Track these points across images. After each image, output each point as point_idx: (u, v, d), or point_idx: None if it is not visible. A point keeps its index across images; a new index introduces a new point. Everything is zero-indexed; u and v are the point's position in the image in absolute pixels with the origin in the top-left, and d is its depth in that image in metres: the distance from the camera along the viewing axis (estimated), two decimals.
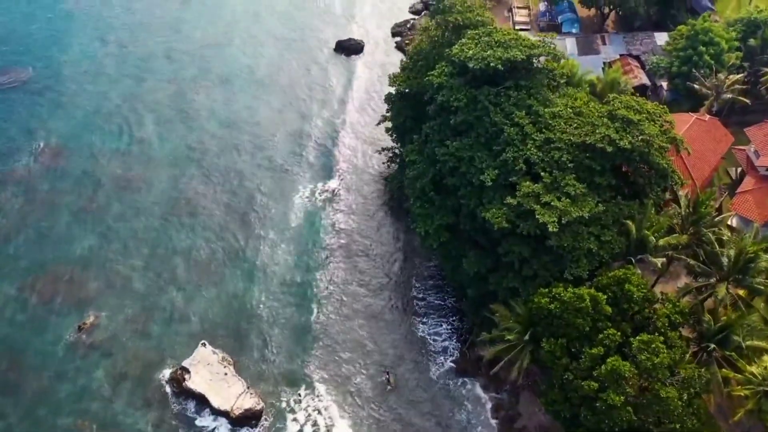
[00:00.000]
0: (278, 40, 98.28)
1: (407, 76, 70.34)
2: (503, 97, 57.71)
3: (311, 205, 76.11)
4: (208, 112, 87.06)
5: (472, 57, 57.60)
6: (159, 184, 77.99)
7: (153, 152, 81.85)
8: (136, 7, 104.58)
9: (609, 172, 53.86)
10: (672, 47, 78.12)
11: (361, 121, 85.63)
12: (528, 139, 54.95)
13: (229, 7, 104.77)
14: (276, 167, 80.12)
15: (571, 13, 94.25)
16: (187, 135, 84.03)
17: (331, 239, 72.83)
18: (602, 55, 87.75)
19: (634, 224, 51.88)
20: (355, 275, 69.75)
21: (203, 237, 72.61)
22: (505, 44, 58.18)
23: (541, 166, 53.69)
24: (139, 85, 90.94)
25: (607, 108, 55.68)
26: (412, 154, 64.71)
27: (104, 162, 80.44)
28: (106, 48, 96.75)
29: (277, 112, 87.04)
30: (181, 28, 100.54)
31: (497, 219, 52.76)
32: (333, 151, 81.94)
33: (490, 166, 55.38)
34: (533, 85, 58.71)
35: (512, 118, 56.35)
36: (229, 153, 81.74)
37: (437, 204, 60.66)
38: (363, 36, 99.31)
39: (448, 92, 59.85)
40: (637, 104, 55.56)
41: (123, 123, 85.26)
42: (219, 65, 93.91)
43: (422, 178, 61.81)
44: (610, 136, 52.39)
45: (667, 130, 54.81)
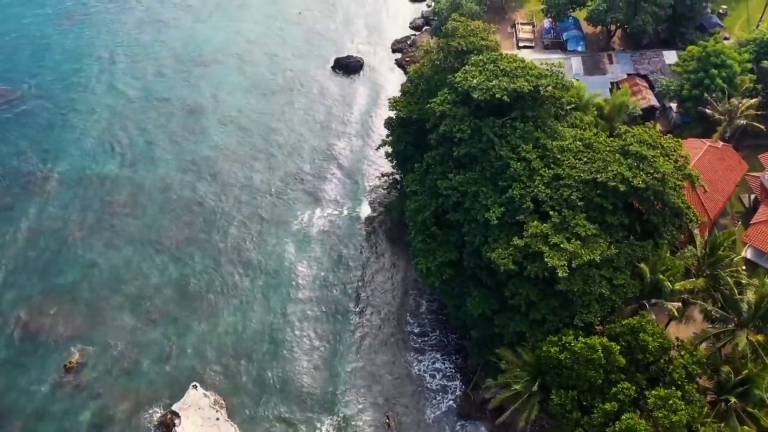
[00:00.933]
0: (274, 59, 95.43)
1: (408, 101, 67.54)
2: (509, 128, 54.94)
3: (308, 232, 73.21)
4: (200, 134, 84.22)
5: (477, 87, 54.85)
6: (150, 210, 75.20)
7: (144, 176, 79.02)
8: (128, 24, 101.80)
9: (621, 210, 51.08)
10: (682, 69, 75.38)
11: (360, 144, 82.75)
12: (535, 174, 52.18)
13: (223, 24, 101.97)
14: (272, 192, 77.31)
15: (577, 30, 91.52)
16: (179, 157, 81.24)
17: (329, 270, 69.95)
18: (609, 74, 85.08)
19: (648, 267, 49.14)
20: (353, 309, 66.87)
21: (196, 267, 69.71)
22: (511, 73, 55.41)
23: (550, 204, 50.90)
24: (130, 106, 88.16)
25: (620, 142, 52.90)
26: (413, 184, 61.89)
27: (94, 186, 77.69)
28: (97, 66, 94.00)
29: (272, 134, 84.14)
30: (174, 46, 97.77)
31: (503, 260, 49.97)
32: (331, 175, 79.06)
33: (495, 202, 52.60)
34: (540, 115, 55.96)
35: (518, 152, 53.57)
36: (222, 177, 78.90)
37: (439, 239, 57.88)
38: (362, 53, 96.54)
39: (450, 122, 57.07)
40: (650, 138, 52.79)
41: (113, 145, 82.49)
42: (212, 85, 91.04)
43: (423, 211, 59.02)
44: (622, 173, 49.59)
45: (682, 166, 52.05)
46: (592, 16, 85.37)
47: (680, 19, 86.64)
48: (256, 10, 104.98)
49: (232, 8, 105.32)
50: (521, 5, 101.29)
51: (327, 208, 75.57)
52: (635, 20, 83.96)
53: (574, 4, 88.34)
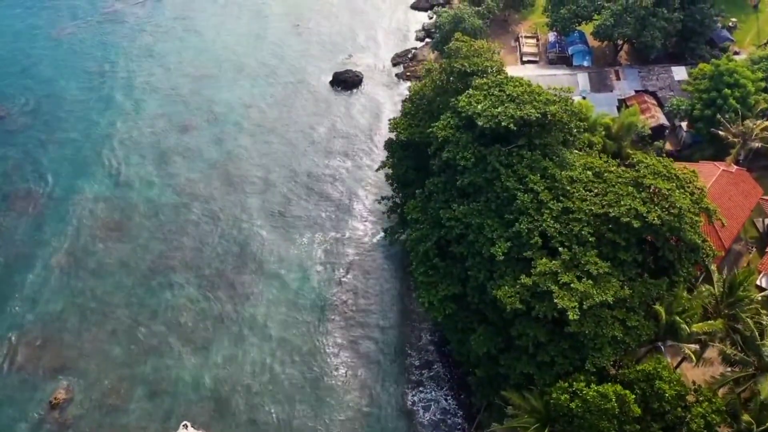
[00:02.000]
0: (271, 74, 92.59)
1: (408, 123, 64.81)
2: (515, 157, 52.24)
3: (307, 257, 70.35)
4: (194, 152, 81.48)
5: (482, 113, 52.17)
6: (142, 233, 72.44)
7: (136, 197, 76.25)
8: (120, 38, 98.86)
9: (634, 245, 48.37)
10: (693, 88, 72.67)
11: (360, 164, 79.87)
12: (544, 207, 49.46)
13: (218, 38, 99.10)
14: (270, 214, 74.48)
15: (583, 45, 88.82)
16: (173, 177, 78.45)
17: (327, 296, 67.02)
18: (617, 91, 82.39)
19: (664, 308, 46.45)
20: (352, 337, 64.02)
21: (189, 296, 66.82)
22: (518, 99, 52.71)
23: (559, 240, 48.19)
24: (122, 122, 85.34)
25: (633, 174, 50.19)
26: (415, 212, 59.22)
27: (83, 207, 74.78)
28: (88, 82, 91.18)
29: (268, 153, 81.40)
30: (168, 59, 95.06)
31: (510, 299, 47.25)
32: (330, 197, 76.22)
33: (501, 236, 49.88)
34: (548, 142, 53.24)
35: (525, 182, 50.84)
36: (218, 198, 76.14)
37: (442, 271, 55.14)
38: (361, 66, 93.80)
39: (454, 149, 54.38)
40: (665, 169, 50.07)
41: (104, 164, 79.73)
42: (207, 101, 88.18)
43: (425, 241, 56.28)
44: (636, 208, 46.87)
45: (698, 199, 49.33)
46: (598, 32, 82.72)
47: (690, 33, 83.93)
48: (251, 23, 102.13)
49: (227, 21, 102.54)
50: (525, 17, 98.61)
51: (326, 232, 72.75)
52: (643, 35, 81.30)
53: (580, 18, 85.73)
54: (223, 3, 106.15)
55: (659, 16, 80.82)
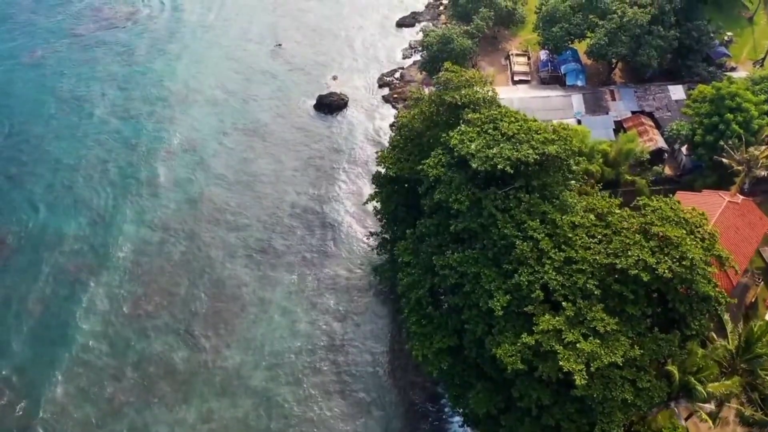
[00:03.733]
0: (251, 98, 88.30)
1: (397, 157, 61.16)
2: (512, 200, 48.71)
3: (292, 298, 66.31)
4: (171, 184, 77.13)
5: (476, 154, 48.62)
6: (117, 275, 68.18)
7: (109, 236, 71.67)
8: (94, 63, 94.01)
9: (643, 298, 44.99)
10: (694, 112, 69.52)
11: (346, 195, 75.70)
12: (545, 257, 45.94)
13: (195, 60, 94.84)
14: (251, 252, 70.28)
15: (576, 63, 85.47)
16: (148, 212, 74.04)
17: (314, 341, 63.04)
18: (612, 113, 79.06)
19: (676, 367, 43.10)
20: (341, 386, 60.18)
21: (164, 342, 62.64)
22: (514, 138, 49.25)
23: (562, 293, 44.74)
24: (95, 152, 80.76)
25: (640, 220, 46.78)
26: (406, 254, 55.56)
27: (54, 248, 70.31)
28: (60, 109, 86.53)
29: (251, 185, 77.04)
30: (143, 83, 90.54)
31: (511, 359, 43.76)
32: (315, 232, 72.07)
33: (500, 288, 46.33)
34: (547, 183, 49.84)
35: (524, 229, 47.35)
36: (196, 234, 71.94)
37: (436, 321, 51.60)
38: (346, 88, 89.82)
39: (446, 190, 50.77)
40: (673, 213, 46.73)
41: (77, 200, 75.13)
42: (185, 128, 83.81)
43: (418, 288, 52.72)
44: (645, 260, 43.51)
45: (710, 246, 46.02)
46: (592, 51, 79.44)
47: (686, 51, 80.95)
48: (231, 44, 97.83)
49: (205, 43, 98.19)
50: (515, 34, 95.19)
51: (311, 270, 68.76)
52: (639, 54, 78.16)
53: (573, 36, 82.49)
54: (207, 25, 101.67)
55: (655, 34, 77.76)
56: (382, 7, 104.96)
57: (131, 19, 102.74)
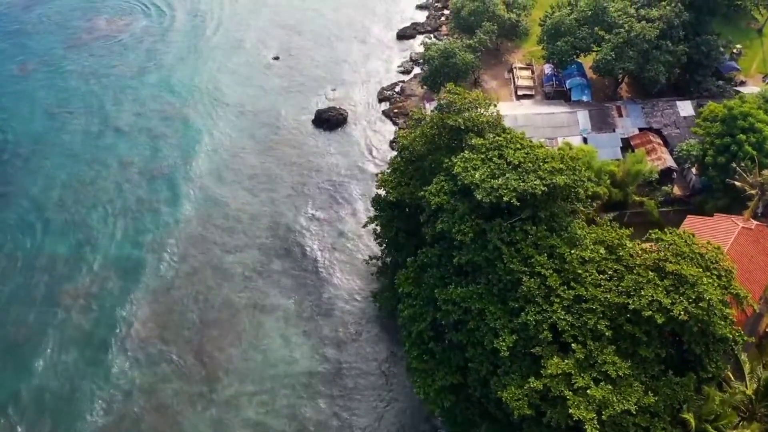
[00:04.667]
0: (247, 113, 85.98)
1: (398, 181, 58.86)
2: (518, 233, 46.43)
3: (290, 326, 63.87)
4: (164, 204, 74.74)
5: (480, 185, 46.34)
6: (107, 302, 65.65)
7: (100, 258, 69.44)
8: (86, 75, 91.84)
9: (656, 339, 42.70)
10: (704, 131, 67.22)
11: (345, 216, 73.12)
12: (553, 295, 43.68)
13: (189, 73, 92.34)
14: (247, 276, 67.78)
15: (581, 78, 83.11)
16: (139, 234, 71.62)
17: (312, 371, 60.48)
18: (619, 130, 76.76)
19: (692, 413, 40.81)
20: (336, 420, 57.51)
21: (154, 374, 60.19)
22: (520, 167, 46.99)
23: (571, 334, 42.50)
24: (86, 170, 78.49)
25: (653, 256, 44.48)
26: (406, 285, 53.28)
27: (42, 272, 67.97)
28: (48, 125, 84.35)
29: (245, 204, 74.66)
30: (137, 97, 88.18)
31: (517, 403, 41.49)
32: (313, 255, 69.62)
33: (505, 327, 44.11)
34: (555, 213, 47.56)
35: (531, 263, 45.10)
36: (189, 255, 69.53)
37: (438, 357, 49.33)
38: (345, 102, 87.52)
39: (449, 219, 48.56)
40: (688, 248, 44.46)
41: (66, 221, 72.83)
42: (178, 145, 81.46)
43: (419, 321, 50.45)
44: (660, 300, 41.25)
45: (727, 284, 43.72)
46: (599, 66, 77.15)
47: (695, 66, 78.64)
48: (227, 56, 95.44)
49: (201, 55, 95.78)
50: (518, 46, 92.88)
51: (309, 295, 66.20)
52: (647, 70, 75.93)
53: (578, 50, 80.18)
54: (202, 38, 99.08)
55: (663, 49, 75.47)
56: (382, 18, 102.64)
57: (125, 30, 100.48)
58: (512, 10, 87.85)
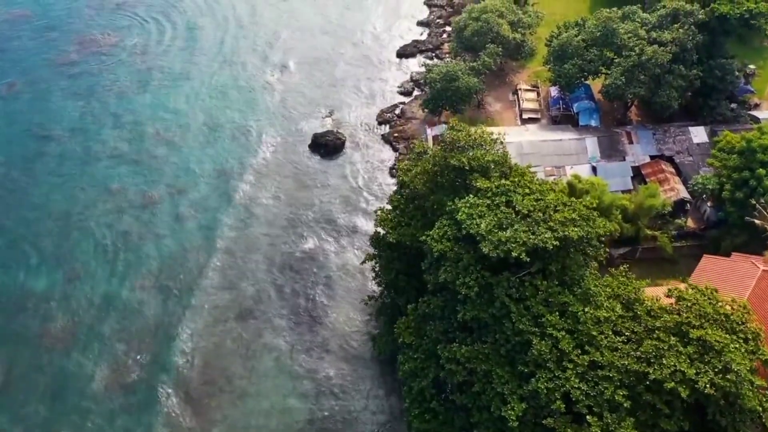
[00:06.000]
0: (240, 137, 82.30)
1: (398, 221, 55.54)
2: (528, 288, 43.12)
3: (283, 370, 60.35)
4: (155, 236, 71.38)
5: (486, 236, 42.96)
6: (92, 345, 62.07)
7: (86, 295, 65.87)
8: (72, 95, 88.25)
9: (679, 409, 39.32)
10: (720, 163, 63.83)
11: (340, 254, 69.25)
12: (566, 359, 40.34)
13: (183, 93, 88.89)
14: (239, 315, 64.30)
15: (589, 101, 79.67)
16: (128, 269, 68.23)
17: (309, 418, 57.39)
18: (630, 157, 73.36)
19: None
20: None
21: (138, 422, 57.07)
22: (530, 216, 43.62)
23: (586, 404, 39.13)
24: (75, 198, 75.05)
25: (674, 318, 41.05)
26: (407, 334, 50.10)
27: (23, 310, 64.63)
28: (38, 148, 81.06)
29: (239, 236, 71.23)
30: (127, 119, 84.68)
31: None
32: (308, 292, 66.06)
33: (514, 393, 40.79)
34: (567, 266, 44.22)
35: (542, 323, 41.76)
36: (177, 294, 66.04)
37: (441, 418, 46.06)
38: (343, 126, 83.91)
39: (452, 269, 45.20)
40: (711, 308, 41.08)
41: (52, 254, 69.48)
42: (170, 170, 78.04)
43: (421, 377, 47.22)
44: (683, 371, 37.89)
45: (755, 349, 40.32)
46: (608, 92, 73.68)
47: (709, 90, 75.18)
48: (220, 75, 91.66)
49: (193, 75, 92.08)
50: (523, 66, 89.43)
51: (304, 336, 62.87)
52: (658, 95, 72.56)
53: (586, 73, 76.73)
54: (194, 56, 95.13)
55: (676, 73, 72.11)
56: (382, 35, 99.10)
57: (117, 47, 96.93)
58: (517, 30, 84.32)
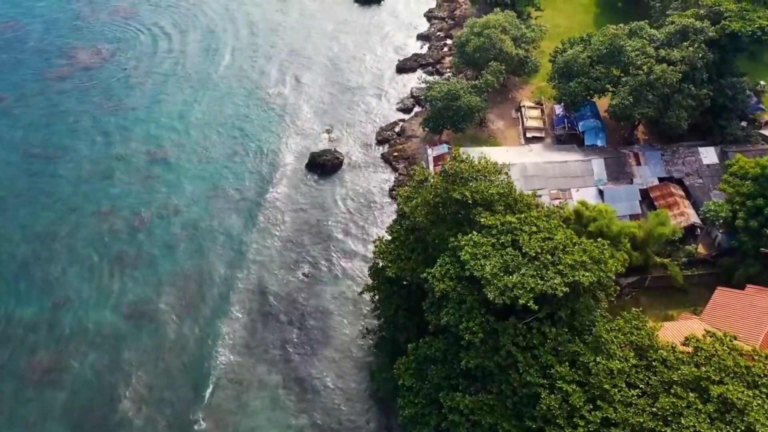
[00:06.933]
0: (236, 155, 79.85)
1: (398, 254, 52.91)
2: (535, 335, 40.67)
3: (275, 405, 57.89)
4: (147, 260, 68.88)
5: (492, 280, 40.51)
6: (81, 377, 59.67)
7: (75, 322, 63.52)
8: (68, 111, 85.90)
9: None
10: (734, 189, 61.35)
11: (337, 281, 66.58)
12: (576, 415, 37.89)
13: (177, 109, 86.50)
14: (233, 347, 61.83)
15: (595, 120, 77.25)
16: (119, 296, 65.62)
17: None
18: (637, 180, 70.88)
19: None
20: None
21: None
22: (539, 262, 41.13)
23: None
24: (64, 220, 72.63)
25: (691, 371, 38.61)
26: (407, 376, 47.62)
27: (11, 338, 62.32)
28: (27, 166, 78.62)
29: (233, 263, 68.58)
30: (118, 138, 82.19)
31: None
32: (304, 322, 63.51)
33: None
34: (577, 311, 41.75)
35: (551, 374, 39.32)
36: (170, 324, 63.38)
37: None
38: (341, 143, 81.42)
39: (455, 312, 42.76)
40: (731, 360, 38.61)
41: (41, 278, 67.10)
42: (165, 189, 75.66)
43: (421, 423, 44.76)
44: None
45: None
46: (615, 112, 71.24)
47: (719, 110, 72.71)
48: (215, 90, 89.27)
49: (187, 90, 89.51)
50: (526, 81, 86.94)
51: (299, 371, 60.25)
52: (667, 116, 70.11)
53: (592, 91, 74.24)
54: (189, 71, 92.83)
55: (685, 92, 69.66)
56: (381, 49, 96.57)
57: (110, 60, 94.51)
58: (520, 45, 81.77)
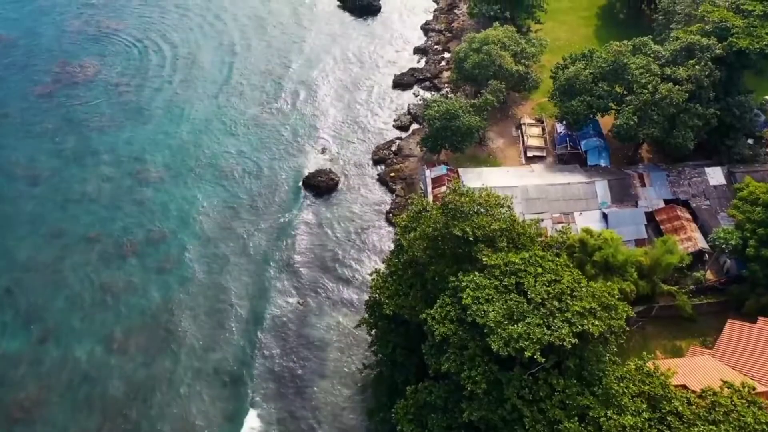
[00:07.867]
0: (229, 178, 77.43)
1: (395, 289, 50.51)
2: (542, 387, 38.29)
3: None
4: (135, 290, 66.39)
5: (495, 329, 38.13)
6: (63, 413, 57.09)
7: (57, 357, 61.06)
8: (52, 130, 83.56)
9: None
10: (744, 215, 59.07)
11: (332, 312, 64.19)
12: None
13: (166, 128, 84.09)
14: (222, 382, 59.25)
15: (598, 138, 74.89)
16: (104, 328, 63.22)
17: None
18: (642, 202, 68.52)
19: None
20: None
21: None
22: (546, 309, 38.70)
23: None
24: (50, 246, 70.20)
25: (710, 429, 36.22)
26: (405, 421, 45.23)
27: None
28: (10, 188, 76.23)
29: (226, 288, 66.31)
30: (104, 159, 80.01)
31: None
32: (297, 354, 61.10)
33: None
34: (586, 360, 39.38)
35: (559, 430, 36.90)
36: (161, 356, 61.17)
37: None
38: (337, 163, 79.07)
39: (457, 359, 40.46)
40: (752, 417, 36.25)
41: (21, 311, 64.54)
42: (153, 214, 73.28)
43: None
44: None
45: None
46: (620, 132, 68.92)
47: (726, 129, 70.48)
48: (206, 108, 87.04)
49: (176, 109, 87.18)
50: (526, 97, 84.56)
51: (291, 406, 57.82)
52: (674, 136, 67.83)
53: (595, 110, 71.89)
54: (179, 87, 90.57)
55: (692, 112, 67.37)
56: (377, 63, 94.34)
57: (98, 77, 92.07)
58: (520, 61, 79.37)
